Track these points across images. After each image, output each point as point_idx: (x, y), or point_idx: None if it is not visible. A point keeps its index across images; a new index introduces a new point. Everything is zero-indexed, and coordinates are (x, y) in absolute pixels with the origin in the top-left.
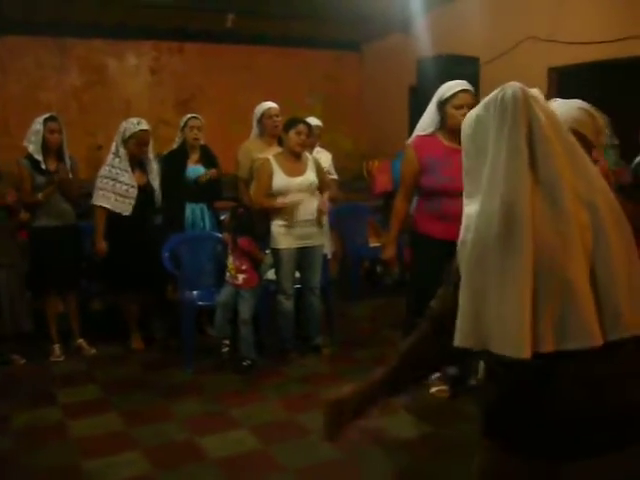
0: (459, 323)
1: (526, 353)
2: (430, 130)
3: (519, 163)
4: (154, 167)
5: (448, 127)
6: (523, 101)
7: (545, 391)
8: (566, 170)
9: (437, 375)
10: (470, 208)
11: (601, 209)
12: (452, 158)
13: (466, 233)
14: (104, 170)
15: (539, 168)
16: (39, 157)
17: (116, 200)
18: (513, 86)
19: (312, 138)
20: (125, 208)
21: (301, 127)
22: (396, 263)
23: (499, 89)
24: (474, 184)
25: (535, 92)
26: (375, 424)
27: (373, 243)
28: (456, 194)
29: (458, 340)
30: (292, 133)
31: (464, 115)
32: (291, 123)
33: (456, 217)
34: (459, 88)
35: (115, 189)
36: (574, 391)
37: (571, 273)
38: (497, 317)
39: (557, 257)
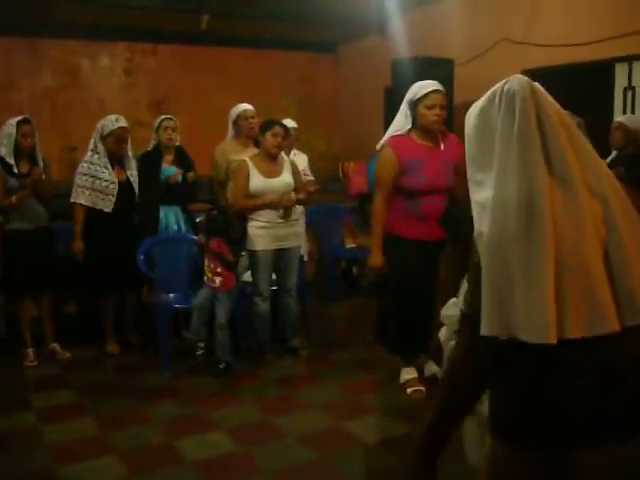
0: (484, 313)
1: (552, 339)
2: (404, 130)
3: (533, 152)
4: (133, 164)
5: (421, 127)
6: (530, 92)
7: (562, 379)
8: (575, 161)
9: (413, 376)
10: (479, 196)
11: (610, 199)
12: (430, 157)
13: (481, 224)
14: (82, 167)
15: (551, 158)
16: (11, 160)
17: (96, 197)
18: (519, 78)
19: (289, 140)
20: (106, 205)
21: (277, 129)
22: (385, 269)
23: (504, 81)
24: (482, 173)
25: (538, 85)
26: (351, 426)
27: (349, 244)
28: (436, 192)
29: (484, 329)
30: (268, 135)
31: (436, 114)
32: (267, 125)
33: (435, 216)
34: (431, 88)
35: (94, 186)
36: (590, 378)
37: (589, 261)
38: (523, 304)
39: (576, 246)
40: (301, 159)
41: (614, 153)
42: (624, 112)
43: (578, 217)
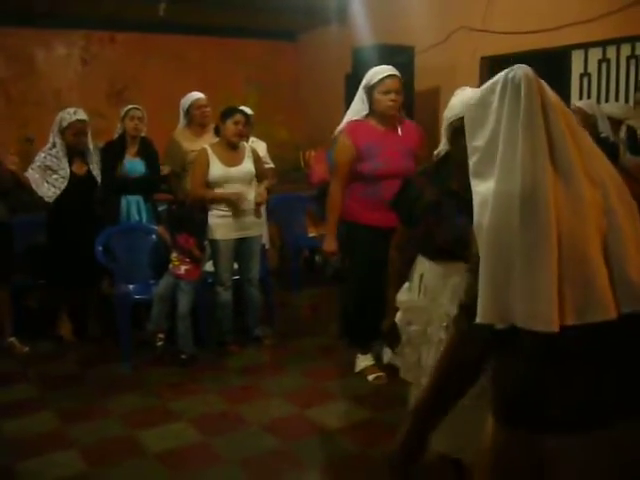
0: (481, 301)
1: (555, 326)
2: (361, 115)
3: (538, 143)
4: (95, 157)
5: (377, 112)
6: (535, 82)
7: (560, 365)
8: (575, 150)
9: (370, 363)
10: (481, 187)
11: (610, 189)
12: (387, 142)
13: (481, 215)
14: (38, 156)
15: (554, 147)
16: None
17: (42, 184)
18: (523, 67)
19: (248, 127)
20: (46, 193)
21: (238, 116)
22: (338, 254)
23: (507, 70)
24: (484, 164)
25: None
26: (314, 413)
27: (312, 233)
28: (394, 177)
29: (480, 317)
30: (229, 123)
31: (392, 100)
32: (228, 112)
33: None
34: (386, 74)
35: (44, 175)
36: (587, 364)
37: (589, 250)
38: (525, 293)
39: (577, 235)
40: (260, 147)
41: None
42: (580, 98)
43: (579, 207)
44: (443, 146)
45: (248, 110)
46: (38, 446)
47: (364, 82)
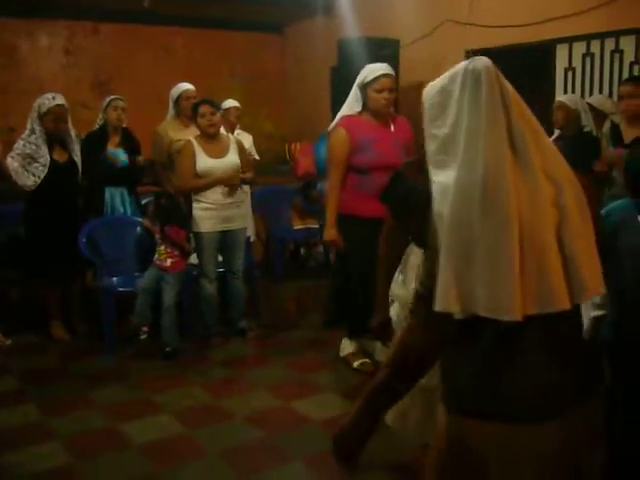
0: (440, 290)
1: (518, 315)
2: (355, 111)
3: (499, 134)
4: (77, 145)
5: (370, 109)
6: (495, 74)
7: (517, 355)
8: (532, 143)
9: (353, 350)
10: (441, 177)
11: (564, 184)
12: (380, 135)
13: (441, 204)
14: (18, 144)
15: (514, 139)
16: None
17: (21, 173)
18: (483, 59)
19: (228, 119)
20: (25, 182)
21: (202, 109)
22: (340, 243)
23: (467, 62)
24: (444, 153)
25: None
26: (299, 405)
27: (297, 226)
28: (385, 169)
29: (438, 305)
30: (198, 118)
31: (385, 98)
32: (194, 109)
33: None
34: (381, 72)
35: (24, 163)
36: (544, 352)
37: (546, 243)
38: (487, 282)
39: (535, 225)
40: (245, 139)
41: (557, 132)
42: (565, 92)
43: (537, 200)
44: None
45: (233, 102)
46: (20, 439)
47: (359, 79)
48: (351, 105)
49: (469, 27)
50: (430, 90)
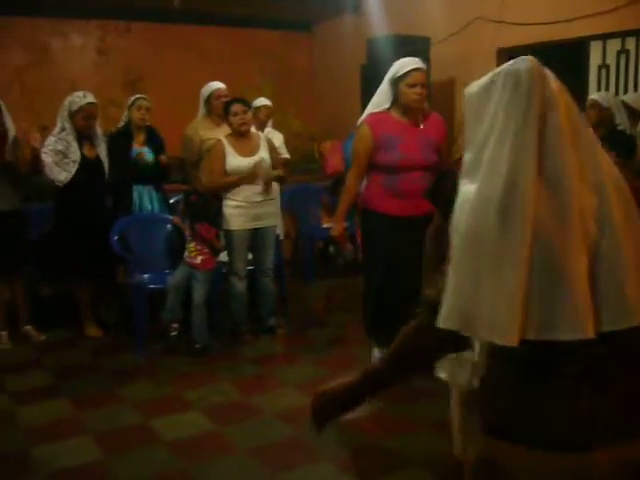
0: (445, 304)
1: (513, 340)
2: (384, 107)
3: (528, 145)
4: (103, 142)
5: (402, 104)
6: (538, 76)
7: (539, 382)
8: (572, 152)
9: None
10: (467, 187)
11: (608, 189)
12: (408, 134)
13: (460, 213)
14: (49, 140)
15: (547, 152)
16: None
17: (55, 168)
18: (528, 59)
19: (259, 117)
20: (58, 177)
21: (235, 108)
22: (346, 239)
23: (512, 61)
24: (476, 161)
25: (547, 70)
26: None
27: (326, 224)
28: (413, 169)
29: (442, 321)
30: (230, 117)
31: (417, 93)
32: (226, 108)
33: (412, 193)
34: (413, 66)
35: (56, 159)
36: (586, 381)
37: (568, 261)
38: (488, 301)
39: (555, 243)
40: (276, 137)
41: None
42: (599, 90)
43: (564, 216)
44: None
45: (265, 101)
46: (53, 432)
47: (390, 74)
48: (380, 101)
49: (500, 24)
50: (471, 90)
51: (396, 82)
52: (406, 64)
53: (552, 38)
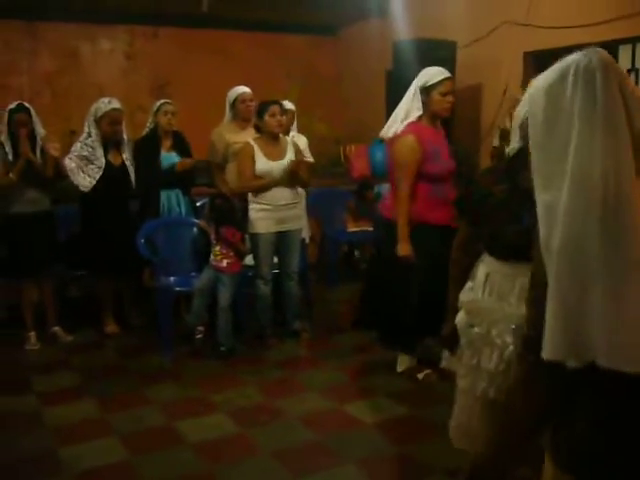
0: (550, 333)
1: None
2: (416, 115)
3: (620, 141)
4: (128, 148)
5: (433, 113)
6: (613, 70)
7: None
8: None
9: (413, 364)
10: (546, 195)
11: None
12: (442, 142)
13: (548, 231)
14: (75, 146)
15: (637, 141)
16: (8, 148)
17: (78, 174)
18: (599, 52)
19: (286, 118)
20: (83, 183)
21: (273, 108)
22: (413, 258)
23: (579, 55)
24: (551, 166)
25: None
26: (352, 408)
27: (351, 228)
28: (449, 178)
29: (548, 353)
30: (267, 117)
31: (449, 102)
32: (263, 107)
33: (450, 200)
34: (445, 75)
35: (81, 165)
36: None
37: None
38: (608, 324)
39: None
40: (301, 141)
41: None
42: None
43: None
44: (515, 143)
45: (290, 104)
46: (80, 433)
47: (420, 82)
48: (409, 109)
49: (528, 28)
50: (536, 91)
51: (427, 90)
52: (438, 73)
53: (580, 41)
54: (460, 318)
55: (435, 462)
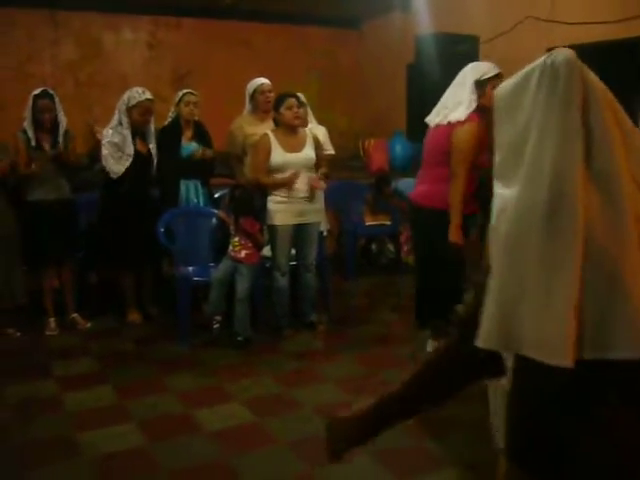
0: (484, 320)
1: (569, 360)
2: (472, 108)
3: (574, 146)
4: (153, 138)
5: (482, 106)
6: (578, 70)
7: (583, 408)
8: (623, 153)
9: None
10: (505, 191)
11: None
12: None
13: (499, 218)
14: (107, 132)
15: (594, 151)
16: (31, 134)
17: (111, 160)
18: (565, 51)
19: (303, 109)
20: (114, 169)
21: (290, 101)
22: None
23: (546, 55)
24: (511, 163)
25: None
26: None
27: (369, 221)
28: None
29: (482, 340)
30: (283, 110)
31: None
32: (280, 100)
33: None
34: (499, 70)
35: (112, 152)
36: (622, 411)
37: (624, 270)
38: (536, 316)
39: (609, 252)
40: (320, 132)
41: None
42: None
43: (617, 219)
44: None
45: (301, 97)
46: (98, 418)
47: (476, 75)
48: (461, 100)
49: (552, 24)
50: (502, 90)
51: (482, 84)
52: (492, 67)
53: (606, 38)
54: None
55: (453, 455)
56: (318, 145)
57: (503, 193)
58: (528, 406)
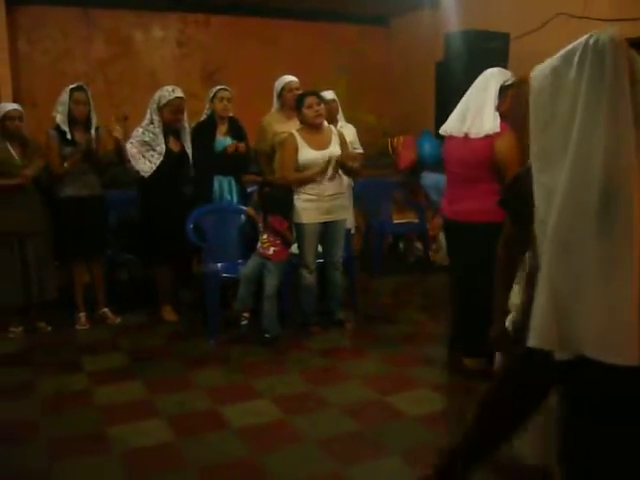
0: (536, 320)
1: (635, 359)
2: (497, 113)
3: (626, 126)
4: (188, 136)
5: (502, 113)
6: (623, 49)
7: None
8: None
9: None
10: (545, 177)
11: None
12: None
13: (545, 209)
14: (137, 131)
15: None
16: (65, 128)
17: (140, 159)
18: (608, 31)
19: (330, 110)
20: (143, 168)
21: (309, 100)
22: None
23: (588, 35)
24: (552, 149)
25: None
26: (394, 399)
27: (397, 219)
28: None
29: (535, 340)
30: (304, 109)
31: None
32: (299, 100)
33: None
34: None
35: (142, 150)
36: None
37: None
38: (597, 314)
39: None
40: (349, 131)
41: None
42: None
43: None
44: None
45: (331, 94)
46: (126, 414)
47: (501, 80)
48: (483, 106)
49: (584, 20)
50: (539, 73)
51: (504, 90)
52: (509, 73)
53: (636, 35)
54: (509, 320)
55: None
56: (344, 143)
57: (546, 182)
58: (586, 412)
